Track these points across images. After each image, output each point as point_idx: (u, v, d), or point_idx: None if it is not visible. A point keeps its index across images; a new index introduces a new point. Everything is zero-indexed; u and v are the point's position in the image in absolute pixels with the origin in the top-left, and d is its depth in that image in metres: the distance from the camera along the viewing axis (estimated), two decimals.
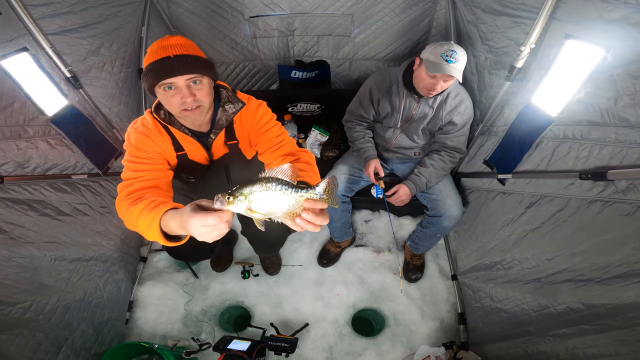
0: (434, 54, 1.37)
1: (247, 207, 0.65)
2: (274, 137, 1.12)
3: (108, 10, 1.60)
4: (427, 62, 1.39)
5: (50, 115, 1.46)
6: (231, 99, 1.13)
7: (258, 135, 1.14)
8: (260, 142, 1.14)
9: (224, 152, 1.19)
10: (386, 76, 1.61)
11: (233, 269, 2.03)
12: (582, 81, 1.11)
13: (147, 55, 0.98)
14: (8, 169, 1.40)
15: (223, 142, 1.16)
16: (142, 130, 1.07)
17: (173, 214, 0.78)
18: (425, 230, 1.80)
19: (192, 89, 0.96)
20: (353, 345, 1.78)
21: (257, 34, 1.99)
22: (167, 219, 0.78)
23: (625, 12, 0.94)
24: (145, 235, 0.84)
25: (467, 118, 1.60)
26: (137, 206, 0.87)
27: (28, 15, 1.27)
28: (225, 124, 1.12)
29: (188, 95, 0.95)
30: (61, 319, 1.48)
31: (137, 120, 1.11)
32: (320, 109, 2.09)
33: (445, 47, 1.37)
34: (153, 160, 1.05)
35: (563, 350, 1.18)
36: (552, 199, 1.31)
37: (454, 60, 1.35)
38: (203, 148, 1.15)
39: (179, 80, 0.94)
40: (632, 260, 1.01)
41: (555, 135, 1.27)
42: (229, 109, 1.12)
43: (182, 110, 0.98)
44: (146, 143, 1.05)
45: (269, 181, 0.65)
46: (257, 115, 1.13)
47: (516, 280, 1.46)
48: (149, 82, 0.96)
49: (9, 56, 1.25)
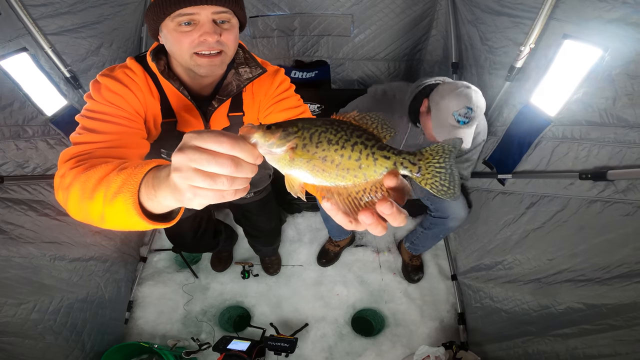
0: (446, 110, 1.12)
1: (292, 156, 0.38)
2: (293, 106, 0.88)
3: (108, 10, 1.60)
4: (436, 118, 1.16)
5: (50, 115, 1.46)
6: (248, 62, 0.86)
7: (273, 103, 0.89)
8: (275, 111, 0.89)
9: (223, 126, 0.91)
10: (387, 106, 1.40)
11: (233, 269, 2.03)
12: (580, 81, 1.11)
13: None
14: (8, 169, 1.40)
15: (226, 112, 0.90)
16: (122, 80, 0.75)
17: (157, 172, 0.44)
18: (427, 231, 1.78)
19: (218, 28, 0.72)
20: (353, 345, 1.78)
21: (257, 34, 1.99)
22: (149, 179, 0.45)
23: (624, 12, 0.94)
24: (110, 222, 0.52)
25: (477, 142, 1.42)
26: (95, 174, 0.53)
27: (27, 15, 1.26)
28: (235, 91, 0.85)
29: (212, 33, 0.70)
30: (66, 320, 1.49)
31: (114, 66, 0.79)
32: (320, 109, 2.09)
33: (462, 103, 1.10)
34: (125, 120, 0.73)
35: (563, 350, 1.18)
36: (552, 199, 1.31)
37: (467, 120, 1.12)
38: (201, 117, 0.87)
39: (204, 12, 0.69)
40: (632, 261, 1.01)
41: (554, 135, 1.27)
42: (243, 74, 0.86)
43: (196, 53, 0.72)
44: (124, 96, 0.74)
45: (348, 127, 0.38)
46: (276, 82, 0.89)
47: (517, 280, 1.46)
48: (158, 14, 0.70)
49: (9, 56, 1.25)
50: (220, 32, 0.71)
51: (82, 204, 0.53)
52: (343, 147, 0.37)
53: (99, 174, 0.52)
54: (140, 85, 0.78)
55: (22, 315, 1.32)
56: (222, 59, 0.75)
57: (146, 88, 0.80)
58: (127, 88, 0.75)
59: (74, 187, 0.55)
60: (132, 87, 0.76)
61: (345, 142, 0.37)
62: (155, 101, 0.81)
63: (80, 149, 0.63)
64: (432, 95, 1.20)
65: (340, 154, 0.37)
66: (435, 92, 1.20)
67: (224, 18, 0.72)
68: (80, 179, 0.54)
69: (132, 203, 0.45)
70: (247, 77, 0.85)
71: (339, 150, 0.37)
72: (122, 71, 0.77)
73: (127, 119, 0.73)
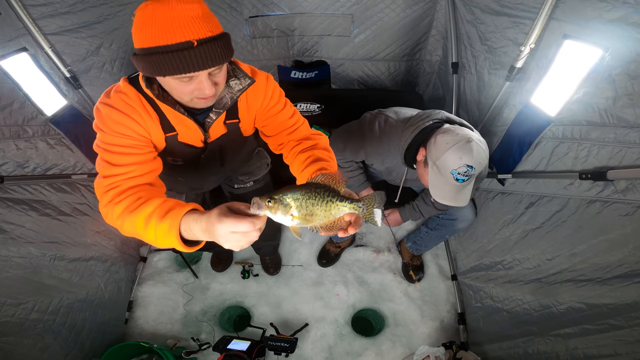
0: (444, 167, 1.02)
1: (290, 214, 0.61)
2: (287, 119, 0.99)
3: (108, 10, 1.60)
4: (433, 176, 1.09)
5: (50, 115, 1.46)
6: (236, 73, 0.91)
7: (267, 118, 0.99)
8: (271, 125, 1.00)
9: (221, 133, 0.99)
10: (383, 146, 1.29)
11: (233, 269, 2.03)
12: (580, 81, 1.11)
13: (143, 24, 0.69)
14: (8, 169, 1.40)
15: (222, 121, 0.96)
16: (121, 108, 0.82)
17: (196, 217, 0.65)
18: (432, 232, 1.75)
19: (213, 79, 0.77)
20: (353, 345, 1.78)
21: (257, 34, 1.99)
22: (189, 222, 0.66)
23: (624, 11, 0.94)
24: (155, 243, 0.72)
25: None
26: (142, 213, 0.72)
27: (27, 15, 1.27)
28: (229, 103, 0.91)
29: (210, 87, 0.77)
30: (65, 320, 1.49)
31: (111, 90, 0.85)
32: (320, 109, 2.09)
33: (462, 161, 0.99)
34: (137, 148, 0.83)
35: (563, 351, 1.18)
36: (552, 199, 1.32)
37: (467, 178, 1.03)
38: (200, 129, 0.93)
39: (202, 72, 0.74)
40: (632, 260, 1.01)
41: (554, 135, 1.27)
42: (234, 86, 0.91)
43: (195, 97, 0.80)
44: (126, 124, 0.82)
45: (318, 189, 0.62)
46: (267, 94, 0.96)
47: (517, 280, 1.46)
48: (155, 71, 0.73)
49: (8, 56, 1.25)
50: (215, 81, 0.78)
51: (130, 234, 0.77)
52: (320, 205, 0.62)
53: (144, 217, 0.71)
54: (138, 109, 0.84)
55: (21, 315, 1.32)
56: (215, 96, 0.83)
57: (144, 111, 0.85)
58: (129, 117, 0.82)
59: (126, 223, 0.75)
60: (132, 114, 0.83)
61: (321, 202, 0.62)
62: (154, 121, 0.87)
63: (110, 182, 0.79)
64: (429, 147, 1.08)
65: (320, 209, 0.63)
66: (433, 145, 1.06)
67: (218, 69, 0.77)
68: (129, 219, 0.74)
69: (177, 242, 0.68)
70: (238, 89, 0.91)
71: (319, 208, 0.62)
72: (118, 98, 0.83)
73: (139, 147, 0.84)
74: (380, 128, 1.29)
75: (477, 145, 1.01)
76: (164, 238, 0.69)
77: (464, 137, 1.02)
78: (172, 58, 0.69)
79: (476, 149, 1.01)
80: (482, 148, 1.03)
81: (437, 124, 1.15)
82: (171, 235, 0.67)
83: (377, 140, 1.29)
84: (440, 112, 1.21)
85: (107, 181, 0.79)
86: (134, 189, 0.79)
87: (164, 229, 0.68)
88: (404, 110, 1.32)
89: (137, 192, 0.78)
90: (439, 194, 1.10)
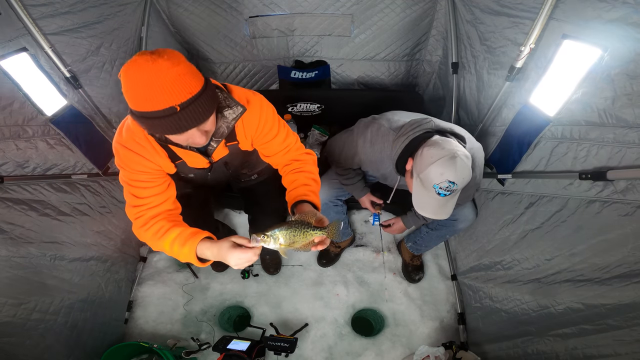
0: (427, 178, 1.03)
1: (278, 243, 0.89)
2: (281, 142, 1.13)
3: (108, 10, 1.60)
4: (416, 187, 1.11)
5: (50, 115, 1.46)
6: (229, 103, 0.98)
7: (264, 143, 1.12)
8: (268, 149, 1.15)
9: (224, 154, 1.13)
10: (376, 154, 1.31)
11: (233, 269, 2.03)
12: (579, 81, 1.11)
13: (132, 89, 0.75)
14: (8, 169, 1.40)
15: (223, 144, 1.08)
16: (133, 148, 0.96)
17: (209, 246, 0.93)
18: (433, 232, 1.75)
19: (202, 128, 0.86)
20: (353, 345, 1.78)
21: (257, 34, 1.99)
22: (203, 248, 0.94)
23: (624, 11, 0.94)
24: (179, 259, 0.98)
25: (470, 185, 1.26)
26: (167, 239, 0.97)
27: (27, 15, 1.27)
28: (226, 131, 1.01)
29: (200, 136, 0.86)
30: (67, 320, 1.49)
31: (122, 127, 0.97)
32: (320, 109, 2.09)
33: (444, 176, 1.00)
34: (153, 181, 1.01)
35: (563, 351, 1.18)
36: (551, 199, 1.31)
37: (448, 192, 1.03)
38: (203, 156, 1.08)
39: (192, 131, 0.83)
40: (631, 261, 1.01)
41: (554, 136, 1.27)
42: (228, 116, 0.98)
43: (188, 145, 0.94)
44: (140, 163, 0.98)
45: (297, 224, 0.90)
46: (262, 121, 1.06)
47: (516, 280, 1.46)
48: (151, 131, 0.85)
49: (8, 56, 1.25)
50: (205, 130, 0.87)
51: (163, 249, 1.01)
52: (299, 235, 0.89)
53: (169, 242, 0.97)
54: (147, 147, 0.98)
55: (22, 316, 1.32)
56: (208, 138, 0.92)
57: (152, 149, 0.99)
58: (141, 156, 0.98)
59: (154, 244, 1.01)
60: (143, 153, 0.98)
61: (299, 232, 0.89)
62: (161, 156, 1.02)
63: (137, 211, 1.01)
64: (415, 159, 1.08)
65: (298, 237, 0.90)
66: (419, 157, 1.06)
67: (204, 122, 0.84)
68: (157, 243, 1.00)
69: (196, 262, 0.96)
70: (232, 118, 0.99)
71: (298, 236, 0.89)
72: (130, 138, 0.96)
73: (154, 180, 1.02)
74: (373, 136, 1.29)
75: (462, 161, 1.01)
76: (186, 258, 0.96)
77: (450, 152, 1.01)
78: (160, 123, 0.77)
79: (460, 165, 1.00)
80: (467, 164, 1.02)
81: (427, 134, 1.15)
82: (191, 258, 0.95)
83: (370, 148, 1.30)
84: (430, 120, 1.19)
85: (134, 210, 1.01)
86: (156, 217, 1.01)
87: (185, 253, 0.95)
88: (396, 117, 1.31)
89: (160, 220, 1.01)
90: (421, 206, 1.11)
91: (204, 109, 0.80)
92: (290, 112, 2.10)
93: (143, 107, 0.76)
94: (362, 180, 1.59)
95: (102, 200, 1.80)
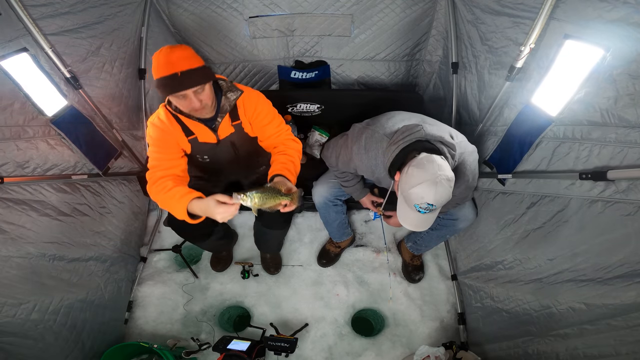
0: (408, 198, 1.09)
1: (254, 202, 1.10)
2: (274, 128, 1.40)
3: (108, 11, 1.60)
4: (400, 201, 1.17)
5: (50, 116, 1.46)
6: (231, 88, 1.33)
7: (260, 128, 1.40)
8: (261, 134, 1.43)
9: (230, 132, 1.37)
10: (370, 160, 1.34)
11: (233, 269, 2.03)
12: (581, 81, 1.11)
13: (155, 66, 1.13)
14: (8, 169, 1.40)
15: (229, 123, 1.35)
16: (158, 125, 1.28)
17: (198, 203, 1.15)
18: (433, 231, 1.75)
19: (198, 96, 1.16)
20: (353, 345, 1.78)
21: (257, 34, 1.99)
22: (193, 205, 1.15)
23: (625, 11, 0.94)
24: (175, 215, 1.20)
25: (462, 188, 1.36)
26: (167, 195, 1.20)
27: (28, 16, 1.27)
28: (228, 108, 1.32)
29: (195, 101, 1.17)
30: (66, 320, 1.49)
31: (154, 115, 1.31)
32: (320, 110, 2.09)
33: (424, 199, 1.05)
34: (170, 151, 1.30)
35: (563, 351, 1.17)
36: (553, 199, 1.31)
37: (427, 211, 1.09)
38: (210, 130, 1.33)
39: (187, 91, 1.13)
40: (633, 260, 1.01)
41: (555, 135, 1.26)
42: (230, 97, 1.32)
43: (191, 110, 1.21)
44: (162, 137, 1.28)
45: (269, 190, 1.13)
46: (258, 107, 1.36)
47: (517, 280, 1.45)
48: (162, 93, 1.17)
49: (9, 56, 1.25)
50: (200, 99, 1.18)
51: (164, 206, 1.25)
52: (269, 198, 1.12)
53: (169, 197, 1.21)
54: (167, 123, 1.28)
55: (22, 316, 1.32)
56: (205, 109, 1.23)
57: (170, 124, 1.29)
58: (163, 132, 1.28)
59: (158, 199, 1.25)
60: (165, 130, 1.28)
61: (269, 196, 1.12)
62: (177, 130, 1.30)
63: (151, 173, 1.28)
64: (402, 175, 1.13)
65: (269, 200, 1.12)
66: (405, 175, 1.11)
67: (200, 89, 1.16)
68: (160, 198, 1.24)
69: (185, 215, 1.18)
70: (233, 98, 1.33)
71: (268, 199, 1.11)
72: (156, 117, 1.30)
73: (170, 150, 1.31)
74: (367, 143, 1.33)
75: (442, 186, 1.05)
76: (178, 212, 1.18)
77: (432, 176, 1.05)
78: (166, 83, 1.11)
79: (440, 190, 1.05)
80: (447, 188, 1.06)
81: (418, 142, 1.17)
82: (182, 212, 1.17)
83: (364, 155, 1.34)
84: (421, 128, 1.19)
85: (150, 172, 1.28)
86: (164, 177, 1.25)
87: (179, 208, 1.17)
88: (390, 123, 1.32)
89: (166, 180, 1.24)
90: (403, 219, 1.18)
91: (197, 78, 1.12)
92: (290, 113, 2.10)
93: (158, 75, 1.12)
94: (360, 182, 1.61)
95: (102, 200, 1.80)
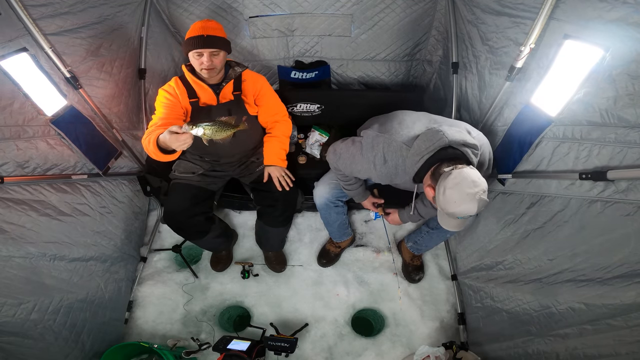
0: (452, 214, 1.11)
1: (203, 133, 1.21)
2: (272, 106, 1.71)
3: (107, 11, 1.60)
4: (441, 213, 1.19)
5: (50, 116, 1.46)
6: (238, 65, 1.62)
7: (260, 105, 1.67)
8: (261, 111, 1.69)
9: (229, 99, 1.58)
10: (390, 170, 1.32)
11: (233, 269, 2.03)
12: (581, 81, 1.11)
13: (190, 30, 1.42)
14: (8, 169, 1.40)
15: (231, 90, 1.58)
16: (167, 89, 1.53)
17: (161, 137, 1.26)
18: (433, 231, 1.75)
19: (212, 58, 1.42)
20: (353, 345, 1.78)
21: (257, 34, 1.99)
22: (159, 139, 1.28)
23: (624, 11, 0.94)
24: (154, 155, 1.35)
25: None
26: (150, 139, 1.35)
27: (28, 16, 1.27)
28: (233, 76, 1.57)
29: (208, 60, 1.42)
30: (66, 320, 1.49)
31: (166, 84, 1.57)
32: (320, 110, 2.09)
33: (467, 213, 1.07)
34: (172, 110, 1.50)
35: (563, 351, 1.17)
36: (553, 199, 1.31)
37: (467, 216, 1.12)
38: (213, 93, 1.55)
39: (205, 50, 1.40)
40: (633, 260, 1.01)
41: (555, 136, 1.26)
42: (237, 69, 1.60)
43: (202, 68, 1.44)
44: (169, 98, 1.51)
45: (220, 123, 1.25)
46: (258, 85, 1.64)
47: (517, 280, 1.45)
48: (186, 49, 1.43)
49: (9, 56, 1.25)
50: (212, 59, 1.43)
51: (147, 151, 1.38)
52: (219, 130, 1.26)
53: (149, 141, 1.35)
54: (174, 86, 1.53)
55: (21, 315, 1.32)
56: (214, 70, 1.47)
57: (177, 87, 1.53)
58: (170, 94, 1.52)
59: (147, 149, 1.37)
60: (172, 93, 1.53)
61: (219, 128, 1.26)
62: (182, 91, 1.53)
63: (148, 130, 1.44)
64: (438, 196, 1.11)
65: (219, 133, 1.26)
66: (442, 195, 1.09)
67: (215, 53, 1.43)
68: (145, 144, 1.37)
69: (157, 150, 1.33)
70: (239, 70, 1.60)
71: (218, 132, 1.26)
72: (167, 84, 1.55)
73: (173, 111, 1.51)
74: (386, 153, 1.30)
75: (482, 200, 1.05)
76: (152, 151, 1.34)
77: (470, 195, 1.04)
78: (193, 41, 1.40)
79: (480, 204, 1.06)
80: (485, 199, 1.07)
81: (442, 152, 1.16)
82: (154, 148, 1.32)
83: (383, 167, 1.31)
84: (442, 135, 1.16)
85: (148, 127, 1.47)
86: (156, 130, 1.38)
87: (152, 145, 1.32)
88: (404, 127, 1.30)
89: (157, 129, 1.39)
90: (445, 223, 1.23)
91: (218, 43, 1.41)
92: (291, 113, 2.10)
93: (189, 35, 1.41)
94: (363, 186, 1.63)
95: (102, 200, 1.80)
